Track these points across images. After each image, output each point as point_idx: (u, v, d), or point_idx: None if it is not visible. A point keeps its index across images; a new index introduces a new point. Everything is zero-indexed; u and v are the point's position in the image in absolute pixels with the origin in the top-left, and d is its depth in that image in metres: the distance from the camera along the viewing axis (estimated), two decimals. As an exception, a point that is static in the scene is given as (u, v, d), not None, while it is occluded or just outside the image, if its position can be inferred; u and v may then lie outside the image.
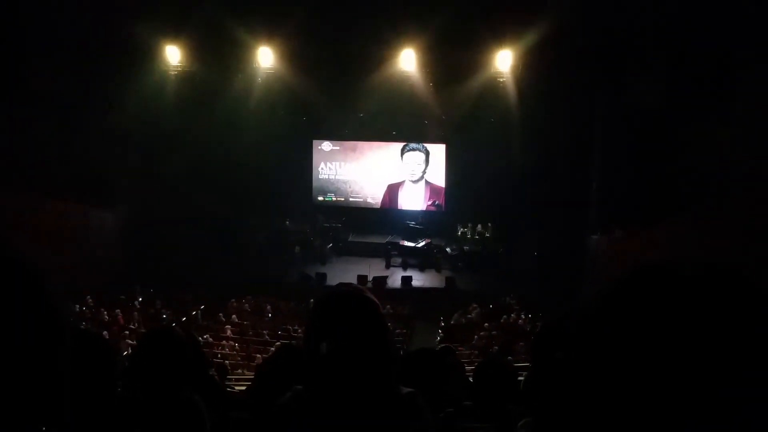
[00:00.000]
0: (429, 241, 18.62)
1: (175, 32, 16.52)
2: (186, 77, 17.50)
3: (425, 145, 20.59)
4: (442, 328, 14.81)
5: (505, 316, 14.58)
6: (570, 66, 15.59)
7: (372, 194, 21.26)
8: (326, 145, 21.33)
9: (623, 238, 15.44)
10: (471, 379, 2.97)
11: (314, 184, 21.50)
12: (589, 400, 0.70)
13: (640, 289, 0.71)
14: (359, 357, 1.57)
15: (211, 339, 13.06)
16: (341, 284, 1.75)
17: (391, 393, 1.63)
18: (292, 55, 17.06)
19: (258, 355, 12.05)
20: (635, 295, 0.70)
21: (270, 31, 16.38)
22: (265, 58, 17.30)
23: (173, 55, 17.08)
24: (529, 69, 16.34)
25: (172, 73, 17.39)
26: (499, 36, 15.79)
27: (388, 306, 14.65)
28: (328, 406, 1.58)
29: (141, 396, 2.13)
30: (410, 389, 1.66)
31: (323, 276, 16.86)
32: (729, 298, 0.67)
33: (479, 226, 19.12)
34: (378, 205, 21.24)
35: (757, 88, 12.17)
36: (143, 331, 12.33)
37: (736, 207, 12.22)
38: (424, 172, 20.70)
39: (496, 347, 12.35)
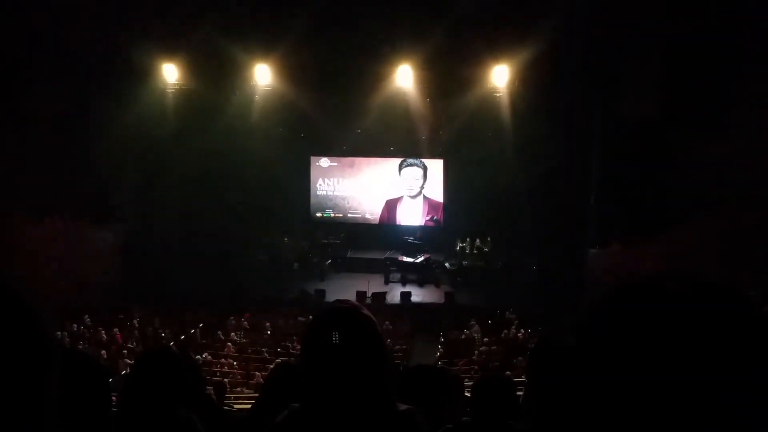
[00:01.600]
0: (428, 256, 18.59)
1: (172, 50, 16.61)
2: (184, 95, 17.57)
3: (423, 160, 20.61)
4: (441, 343, 14.76)
5: (505, 331, 14.53)
6: (566, 80, 15.67)
7: (370, 210, 21.26)
8: (324, 162, 21.35)
9: (621, 252, 15.45)
10: (469, 395, 2.95)
11: (312, 200, 21.49)
12: (586, 413, 0.70)
13: (625, 305, 0.71)
14: (356, 374, 1.56)
15: (210, 357, 13.00)
16: (338, 301, 1.74)
17: (388, 410, 1.62)
18: (290, 72, 17.14)
19: (257, 373, 12.00)
20: (621, 311, 0.71)
21: (267, 48, 16.48)
22: (263, 75, 17.38)
23: (171, 73, 17.16)
24: (525, 83, 16.43)
25: (170, 91, 17.46)
26: (495, 51, 15.89)
27: (387, 322, 14.60)
28: (326, 424, 1.56)
29: (137, 416, 2.11)
30: (408, 406, 1.65)
31: (322, 292, 16.81)
32: (715, 310, 0.67)
33: (478, 240, 19.11)
34: (376, 221, 21.23)
35: (751, 102, 12.23)
36: (142, 350, 12.28)
37: (732, 219, 12.25)
38: (422, 187, 20.71)
39: (497, 363, 12.31)
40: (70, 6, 14.23)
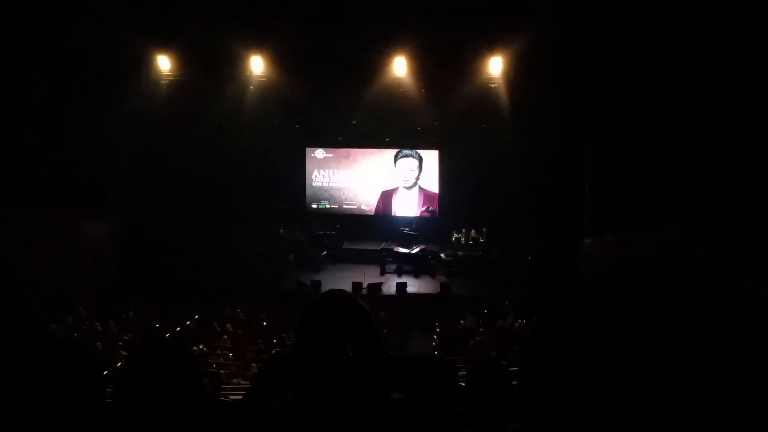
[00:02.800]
0: (423, 247, 18.62)
1: (166, 41, 16.55)
2: (178, 86, 17.51)
3: (418, 151, 20.62)
4: (437, 334, 14.79)
5: (500, 321, 14.58)
6: (561, 71, 15.67)
7: (366, 201, 21.27)
8: (319, 153, 21.34)
9: (616, 242, 15.50)
10: (464, 384, 2.96)
11: (308, 191, 21.49)
12: (576, 400, 0.71)
13: (608, 289, 0.72)
14: (350, 364, 1.57)
15: (205, 349, 13.01)
16: (332, 291, 1.75)
17: (382, 399, 1.62)
18: (285, 63, 17.11)
19: (253, 365, 12.01)
20: (604, 294, 0.72)
21: (262, 39, 16.43)
22: (257, 66, 17.33)
23: (165, 63, 17.10)
24: (520, 74, 16.43)
25: (164, 81, 17.41)
26: (490, 42, 15.88)
27: (383, 313, 14.63)
28: (320, 413, 1.57)
29: (133, 409, 2.11)
30: (402, 395, 1.66)
31: (318, 284, 16.82)
32: (706, 294, 0.68)
33: (473, 231, 19.13)
34: (372, 212, 21.24)
35: (747, 92, 12.23)
36: (137, 342, 12.30)
37: (727, 209, 12.28)
38: (417, 178, 20.73)
39: (493, 352, 12.34)
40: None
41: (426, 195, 20.69)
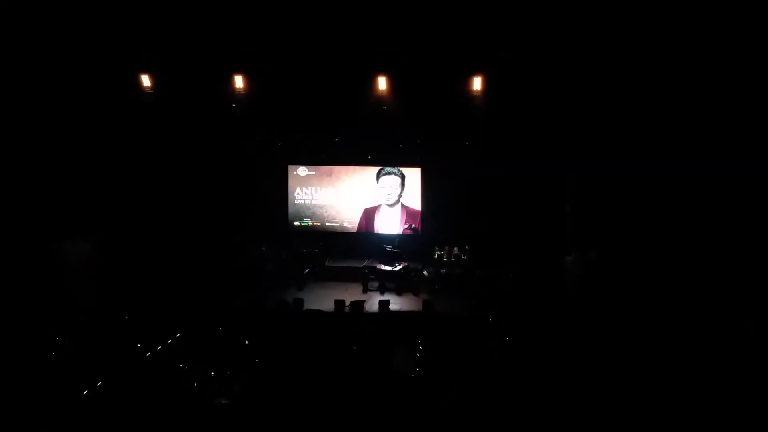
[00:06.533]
0: (406, 264, 18.59)
1: (147, 57, 16.48)
2: (158, 103, 17.40)
3: (401, 168, 20.69)
4: (420, 351, 14.71)
5: (482, 337, 14.53)
6: (545, 87, 15.81)
7: (348, 219, 21.26)
8: (302, 170, 21.34)
9: (598, 259, 15.58)
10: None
11: (290, 209, 21.47)
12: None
13: None
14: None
15: (186, 367, 12.83)
16: (311, 310, 1.72)
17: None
18: (267, 80, 17.09)
19: (236, 384, 11.85)
20: None
21: (244, 55, 16.42)
22: (239, 82, 17.29)
23: (145, 81, 17.00)
24: (503, 91, 16.55)
25: (145, 99, 17.29)
26: (473, 60, 15.98)
27: (366, 330, 14.52)
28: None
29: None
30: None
31: (300, 301, 16.68)
32: None
33: (456, 248, 19.14)
34: (354, 230, 21.24)
35: (742, 106, 12.37)
36: (117, 361, 12.17)
37: (714, 227, 12.39)
38: (399, 195, 20.77)
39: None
40: (42, 12, 14.10)
41: (408, 212, 20.72)
